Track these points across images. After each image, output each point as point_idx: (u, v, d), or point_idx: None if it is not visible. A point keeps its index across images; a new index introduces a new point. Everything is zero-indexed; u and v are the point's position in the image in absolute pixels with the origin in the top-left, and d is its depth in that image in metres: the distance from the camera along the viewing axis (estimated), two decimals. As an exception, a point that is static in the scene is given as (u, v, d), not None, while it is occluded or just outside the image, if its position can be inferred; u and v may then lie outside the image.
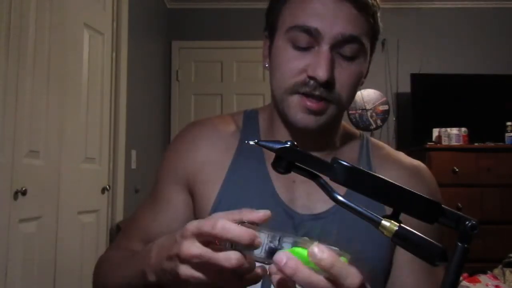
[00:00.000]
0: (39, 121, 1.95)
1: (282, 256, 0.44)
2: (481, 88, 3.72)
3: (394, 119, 4.05)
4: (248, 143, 0.48)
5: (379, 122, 4.05)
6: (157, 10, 3.81)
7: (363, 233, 0.70)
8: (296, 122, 0.72)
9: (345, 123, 0.86)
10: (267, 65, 0.78)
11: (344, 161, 0.42)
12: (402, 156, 0.84)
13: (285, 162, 0.45)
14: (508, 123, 3.51)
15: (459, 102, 3.69)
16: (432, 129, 3.62)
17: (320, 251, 0.43)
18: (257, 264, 0.49)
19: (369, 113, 4.06)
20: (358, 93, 4.12)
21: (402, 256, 0.75)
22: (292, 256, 0.44)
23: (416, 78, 3.75)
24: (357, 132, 0.87)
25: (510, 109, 3.62)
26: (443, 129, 3.51)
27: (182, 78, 4.11)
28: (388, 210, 0.70)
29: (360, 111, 4.06)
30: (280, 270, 0.43)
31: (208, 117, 0.88)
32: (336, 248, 0.47)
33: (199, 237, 0.48)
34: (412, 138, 3.68)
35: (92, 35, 2.50)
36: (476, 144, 3.48)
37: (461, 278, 1.45)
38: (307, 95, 0.70)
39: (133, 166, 3.00)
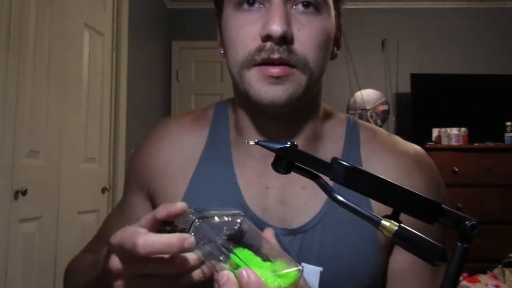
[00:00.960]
0: (39, 121, 1.95)
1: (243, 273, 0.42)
2: (481, 88, 3.72)
3: (394, 119, 4.05)
4: (248, 143, 0.48)
5: (379, 122, 4.06)
6: (157, 10, 3.81)
7: (349, 248, 0.64)
8: (261, 98, 0.60)
9: (327, 104, 0.74)
10: (222, 52, 0.68)
11: (344, 161, 0.42)
12: (397, 142, 0.72)
13: (285, 162, 0.45)
14: (508, 123, 3.51)
15: (459, 102, 3.70)
16: (432, 129, 3.62)
17: (247, 275, 0.42)
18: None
19: (369, 113, 4.06)
20: (358, 93, 4.14)
21: (397, 272, 0.67)
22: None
23: (416, 78, 3.75)
24: (343, 115, 0.75)
25: (510, 109, 3.62)
26: (443, 129, 3.52)
27: (182, 78, 4.12)
28: (374, 205, 0.66)
29: (360, 111, 4.06)
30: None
31: (177, 115, 0.81)
32: (289, 258, 0.47)
33: (123, 253, 0.46)
34: (412, 138, 3.64)
35: (92, 35, 2.50)
36: (476, 144, 3.48)
37: (461, 278, 1.45)
38: (266, 64, 0.60)
39: (133, 166, 3.00)
